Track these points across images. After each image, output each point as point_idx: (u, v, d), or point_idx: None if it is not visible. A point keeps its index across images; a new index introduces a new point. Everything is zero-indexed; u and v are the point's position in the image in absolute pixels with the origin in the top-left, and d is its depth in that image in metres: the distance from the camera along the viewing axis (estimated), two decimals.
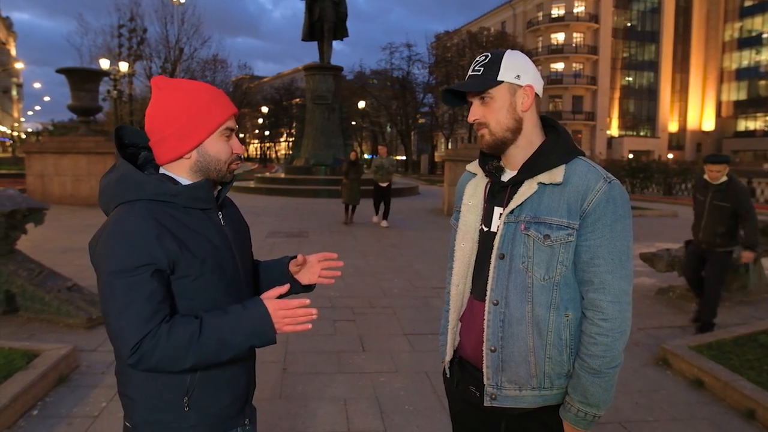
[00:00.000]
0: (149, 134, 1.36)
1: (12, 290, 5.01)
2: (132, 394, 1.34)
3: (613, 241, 1.38)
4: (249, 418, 1.51)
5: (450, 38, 46.90)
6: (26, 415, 3.24)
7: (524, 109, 1.45)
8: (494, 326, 1.45)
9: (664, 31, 59.00)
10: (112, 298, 1.21)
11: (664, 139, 59.89)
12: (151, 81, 1.36)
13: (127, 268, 1.21)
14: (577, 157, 1.46)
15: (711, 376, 3.85)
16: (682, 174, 24.68)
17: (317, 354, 4.40)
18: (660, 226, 13.36)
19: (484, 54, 1.49)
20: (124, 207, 1.29)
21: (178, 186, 1.33)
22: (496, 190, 1.51)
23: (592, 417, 1.43)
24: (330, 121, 22.35)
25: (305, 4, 22.85)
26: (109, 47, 35.29)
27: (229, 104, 1.38)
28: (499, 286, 1.44)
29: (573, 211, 1.39)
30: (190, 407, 1.33)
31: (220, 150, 1.36)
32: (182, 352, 1.21)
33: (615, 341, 1.38)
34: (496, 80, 1.43)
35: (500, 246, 1.45)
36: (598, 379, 1.39)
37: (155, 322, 1.21)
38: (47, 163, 14.65)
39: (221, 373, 1.37)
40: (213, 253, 1.34)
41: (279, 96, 63.98)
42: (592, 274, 1.39)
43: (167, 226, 1.27)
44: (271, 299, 1.30)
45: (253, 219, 12.77)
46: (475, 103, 1.47)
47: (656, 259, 6.23)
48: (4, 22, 71.22)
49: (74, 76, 14.92)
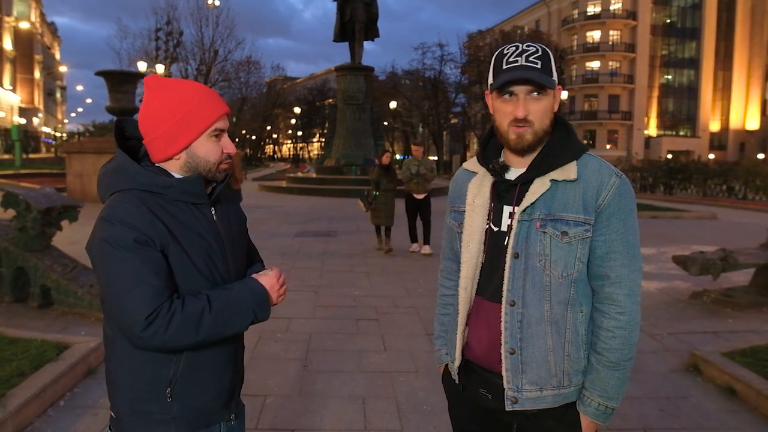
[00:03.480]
0: (142, 134, 1.39)
1: (47, 284, 5.19)
2: (116, 381, 1.37)
3: (627, 235, 1.40)
4: (235, 413, 1.51)
5: (483, 38, 46.51)
6: (55, 405, 3.35)
7: (556, 109, 1.45)
8: (512, 327, 1.43)
9: (705, 28, 57.21)
10: (119, 275, 1.23)
11: (705, 139, 58.05)
12: (144, 80, 1.39)
13: (130, 245, 1.24)
14: (586, 153, 1.45)
15: (743, 384, 3.71)
16: (722, 175, 23.88)
17: (338, 352, 4.42)
18: (697, 229, 12.98)
19: (531, 44, 1.40)
20: (118, 195, 1.33)
21: (171, 179, 1.36)
22: (503, 188, 1.47)
23: (611, 410, 1.44)
24: (361, 122, 22.45)
25: (337, 5, 23.00)
26: (146, 50, 36.31)
27: (219, 105, 1.39)
28: (516, 285, 1.42)
29: (589, 207, 1.39)
30: (173, 398, 1.35)
31: (209, 151, 1.38)
32: (194, 325, 1.26)
33: (632, 333, 1.41)
34: (553, 79, 1.38)
35: (515, 245, 1.42)
36: (617, 372, 1.41)
37: (166, 296, 1.25)
38: (86, 163, 15.12)
39: (205, 365, 1.38)
40: (203, 246, 1.36)
41: (312, 96, 64.65)
42: (608, 269, 1.40)
43: (158, 215, 1.30)
44: (262, 275, 1.43)
45: (282, 219, 12.94)
46: (525, 98, 1.38)
47: (689, 262, 6.04)
48: (50, 27, 73.79)
49: (112, 79, 15.41)
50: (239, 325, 1.35)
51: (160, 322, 1.22)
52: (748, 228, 12.29)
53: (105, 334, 1.39)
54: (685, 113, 59.29)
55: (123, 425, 1.37)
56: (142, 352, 1.31)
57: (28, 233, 5.22)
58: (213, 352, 1.38)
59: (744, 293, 6.13)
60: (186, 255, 1.32)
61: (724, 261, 5.86)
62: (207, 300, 1.29)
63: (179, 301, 1.26)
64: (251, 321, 1.37)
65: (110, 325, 1.36)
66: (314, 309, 5.62)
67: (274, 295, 1.41)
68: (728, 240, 10.17)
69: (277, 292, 1.43)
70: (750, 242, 7.98)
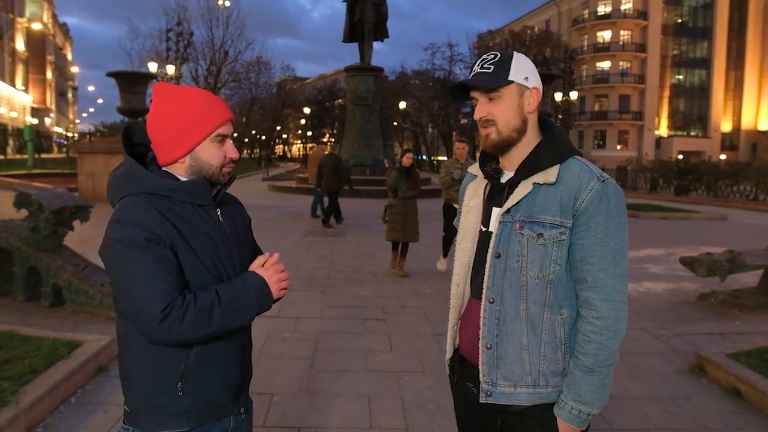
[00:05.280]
0: (150, 138, 1.46)
1: (59, 283, 5.27)
2: (130, 377, 1.43)
3: (607, 239, 1.40)
4: (244, 407, 1.58)
5: (492, 38, 46.49)
6: (66, 402, 3.42)
7: (530, 110, 1.48)
8: (490, 324, 1.49)
9: (717, 27, 56.69)
10: (133, 273, 1.29)
11: (717, 139, 57.52)
12: (152, 87, 1.45)
13: (142, 244, 1.30)
14: (572, 157, 1.48)
15: (748, 385, 3.71)
16: (733, 176, 23.68)
17: (345, 352, 4.47)
18: (707, 230, 12.91)
19: (492, 53, 1.50)
20: (127, 198, 1.39)
21: (177, 182, 1.42)
22: (495, 191, 1.55)
23: (585, 415, 1.43)
24: (370, 122, 22.49)
25: (346, 5, 23.06)
26: (157, 51, 36.54)
27: (223, 111, 1.45)
28: (495, 284, 1.48)
29: (566, 210, 1.41)
30: (184, 392, 1.40)
31: (212, 155, 1.45)
32: (206, 318, 1.31)
33: (609, 340, 1.40)
34: (507, 80, 1.45)
35: (496, 245, 1.48)
36: (591, 377, 1.41)
37: (178, 291, 1.31)
38: (97, 163, 15.25)
39: (214, 360, 1.44)
40: (210, 245, 1.42)
41: (321, 97, 64.78)
42: (586, 273, 1.41)
43: (167, 216, 1.36)
44: (261, 268, 1.48)
45: (291, 219, 13.00)
46: (482, 101, 1.49)
47: (696, 264, 6.02)
48: (61, 28, 74.47)
49: (123, 79, 15.53)
50: (246, 316, 1.41)
51: (174, 315, 1.27)
52: (759, 229, 12.20)
53: (118, 332, 1.45)
54: (696, 113, 58.80)
55: (137, 419, 1.43)
56: (155, 348, 1.36)
57: (40, 233, 5.30)
58: (221, 347, 1.44)
59: (752, 295, 6.10)
60: (194, 254, 1.38)
61: (732, 262, 5.85)
62: (216, 293, 1.35)
63: (191, 295, 1.32)
64: (257, 312, 1.43)
65: (123, 323, 1.42)
66: (321, 309, 5.67)
67: (273, 286, 1.46)
68: (738, 241, 10.10)
69: (276, 282, 1.46)
70: (760, 244, 7.94)
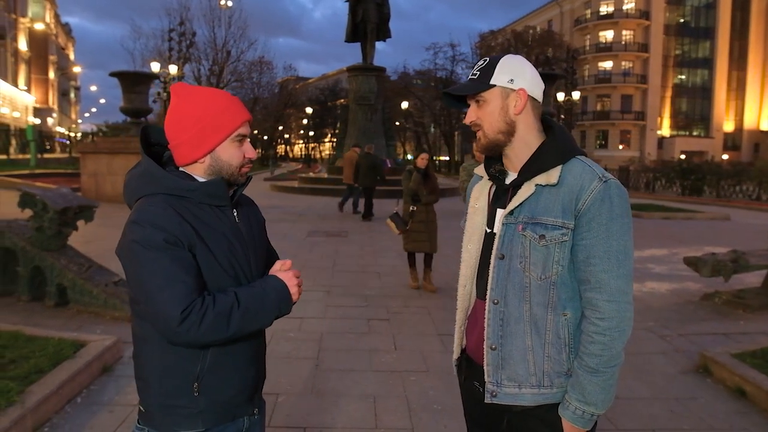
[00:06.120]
0: (168, 139, 1.46)
1: (63, 283, 5.28)
2: (147, 378, 1.43)
3: (609, 240, 1.40)
4: (258, 407, 1.58)
5: (495, 38, 46.45)
6: (72, 402, 3.42)
7: (516, 112, 1.48)
8: (494, 325, 1.50)
9: (720, 27, 56.59)
10: (151, 274, 1.29)
11: (719, 139, 57.41)
12: (170, 87, 1.46)
13: (160, 245, 1.30)
14: (575, 158, 1.48)
15: (754, 386, 3.71)
16: (736, 176, 23.65)
17: (350, 352, 4.47)
18: (710, 230, 12.89)
19: (484, 58, 1.54)
20: (145, 199, 1.39)
21: (195, 182, 1.42)
22: (500, 192, 1.56)
23: (590, 416, 1.43)
24: (372, 122, 22.47)
25: (348, 5, 23.03)
26: (159, 51, 36.57)
27: (242, 111, 1.46)
28: (499, 285, 1.49)
29: (567, 211, 1.42)
30: (200, 393, 1.40)
31: (232, 155, 1.45)
32: (225, 321, 1.31)
33: (613, 340, 1.40)
34: (488, 84, 1.48)
35: (500, 246, 1.49)
36: (596, 377, 1.41)
37: (198, 292, 1.31)
38: (100, 163, 15.28)
39: (230, 362, 1.44)
40: (227, 247, 1.42)
41: (324, 97, 64.75)
42: (589, 273, 1.41)
43: (184, 217, 1.36)
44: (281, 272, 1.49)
45: (295, 218, 13.01)
46: (472, 106, 1.53)
47: (700, 264, 6.02)
48: (64, 28, 74.58)
49: (126, 79, 15.53)
50: (265, 320, 1.41)
51: (194, 317, 1.27)
52: (762, 229, 12.17)
53: (134, 333, 1.45)
54: (698, 113, 58.71)
55: (152, 419, 1.43)
56: (172, 349, 1.36)
57: (44, 233, 5.31)
58: (237, 348, 1.44)
59: (756, 295, 6.09)
60: (212, 254, 1.38)
61: (735, 263, 5.84)
62: (235, 296, 1.35)
63: (210, 297, 1.32)
64: (276, 316, 1.44)
65: (140, 324, 1.42)
66: (326, 309, 5.68)
67: (293, 290, 1.47)
68: (741, 241, 10.08)
69: (295, 287, 1.48)
70: (763, 244, 7.93)
